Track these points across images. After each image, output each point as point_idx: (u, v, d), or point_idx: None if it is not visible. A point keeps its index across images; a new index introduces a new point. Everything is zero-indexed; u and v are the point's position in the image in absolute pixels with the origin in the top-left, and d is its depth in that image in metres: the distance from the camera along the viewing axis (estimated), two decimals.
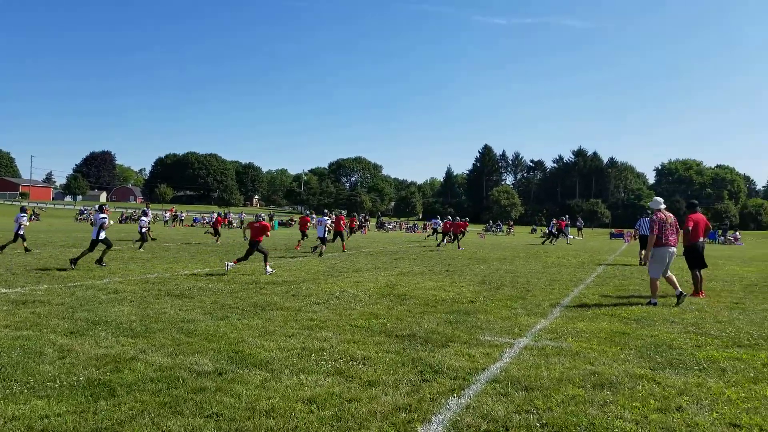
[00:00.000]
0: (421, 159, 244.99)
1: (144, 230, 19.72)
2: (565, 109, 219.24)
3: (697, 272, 10.24)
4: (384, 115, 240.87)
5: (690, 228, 10.29)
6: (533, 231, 62.44)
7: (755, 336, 6.64)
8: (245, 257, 12.98)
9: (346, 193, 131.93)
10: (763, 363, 5.39)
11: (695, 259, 10.25)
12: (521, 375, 4.88)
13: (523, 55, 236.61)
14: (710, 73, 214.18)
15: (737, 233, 47.00)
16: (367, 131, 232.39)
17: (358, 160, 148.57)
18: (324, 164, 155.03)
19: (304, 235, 22.53)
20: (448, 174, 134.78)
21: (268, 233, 13.35)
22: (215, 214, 33.02)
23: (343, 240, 21.13)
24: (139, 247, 18.96)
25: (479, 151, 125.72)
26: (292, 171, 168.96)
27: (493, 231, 61.79)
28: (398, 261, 16.66)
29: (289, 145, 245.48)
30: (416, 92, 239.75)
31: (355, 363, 5.18)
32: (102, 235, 13.19)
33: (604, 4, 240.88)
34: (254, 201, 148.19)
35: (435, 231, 33.18)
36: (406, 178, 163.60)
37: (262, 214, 15.44)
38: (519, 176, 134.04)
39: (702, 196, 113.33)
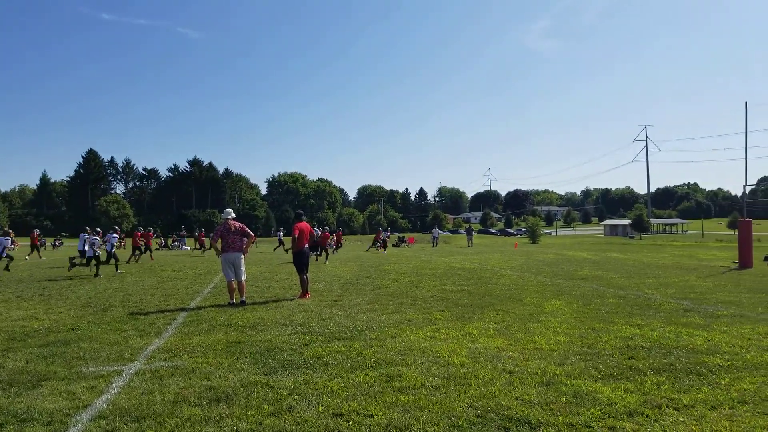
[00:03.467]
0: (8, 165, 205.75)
1: None
2: (181, 117, 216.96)
3: (304, 276, 11.26)
4: None
5: (296, 235, 11.24)
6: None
7: (351, 329, 7.61)
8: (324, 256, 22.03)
9: None
10: (358, 352, 6.17)
11: (301, 264, 11.25)
12: (131, 405, 4.41)
13: (141, 56, 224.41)
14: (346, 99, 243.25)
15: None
16: None
17: None
18: None
19: (148, 248, 25.43)
20: (44, 181, 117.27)
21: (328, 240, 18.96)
22: None
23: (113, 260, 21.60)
24: None
25: (82, 156, 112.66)
26: None
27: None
28: None
29: None
30: None
31: None
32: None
33: (219, 17, 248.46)
34: None
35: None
36: None
37: (326, 227, 18.44)
38: (131, 185, 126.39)
39: (307, 206, 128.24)
